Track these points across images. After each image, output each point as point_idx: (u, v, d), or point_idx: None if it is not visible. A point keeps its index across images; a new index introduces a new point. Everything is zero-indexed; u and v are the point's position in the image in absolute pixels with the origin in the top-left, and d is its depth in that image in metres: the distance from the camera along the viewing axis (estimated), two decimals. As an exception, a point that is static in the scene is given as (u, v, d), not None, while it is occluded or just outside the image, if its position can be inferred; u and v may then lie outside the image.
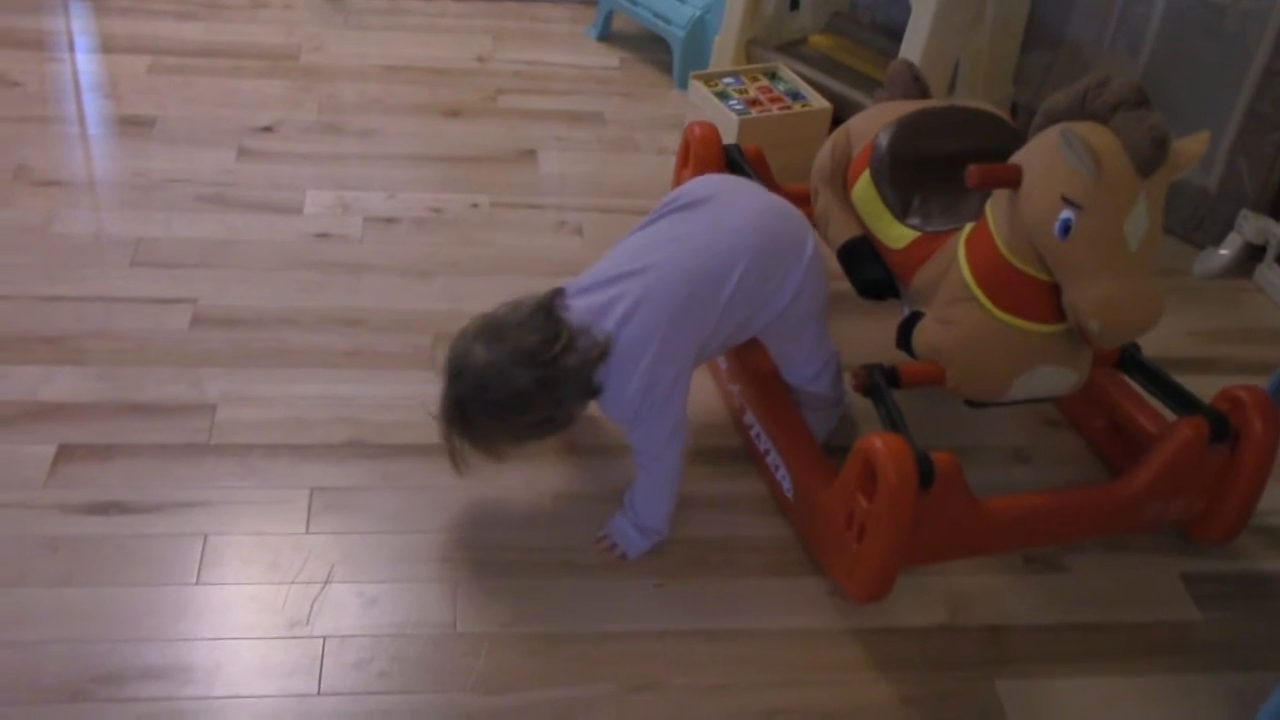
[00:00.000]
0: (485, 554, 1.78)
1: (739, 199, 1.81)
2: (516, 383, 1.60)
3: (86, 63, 2.95)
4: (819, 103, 2.71)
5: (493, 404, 1.63)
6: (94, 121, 2.73)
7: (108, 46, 3.03)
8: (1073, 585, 1.84)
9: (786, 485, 1.86)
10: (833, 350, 1.93)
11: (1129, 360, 1.91)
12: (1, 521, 1.74)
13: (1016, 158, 1.66)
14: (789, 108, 2.69)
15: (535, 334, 1.62)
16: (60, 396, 1.96)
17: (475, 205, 2.55)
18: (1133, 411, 1.97)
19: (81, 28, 3.11)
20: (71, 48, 3.01)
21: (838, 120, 2.54)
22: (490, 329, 1.64)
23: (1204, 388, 1.87)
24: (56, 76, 2.87)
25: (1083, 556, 1.88)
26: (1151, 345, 1.93)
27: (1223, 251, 2.56)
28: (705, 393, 2.10)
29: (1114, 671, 1.71)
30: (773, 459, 1.90)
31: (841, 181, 2.02)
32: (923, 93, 2.10)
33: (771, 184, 2.16)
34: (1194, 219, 2.64)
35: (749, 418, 1.98)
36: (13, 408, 1.93)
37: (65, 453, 1.86)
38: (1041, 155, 1.61)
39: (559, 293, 1.69)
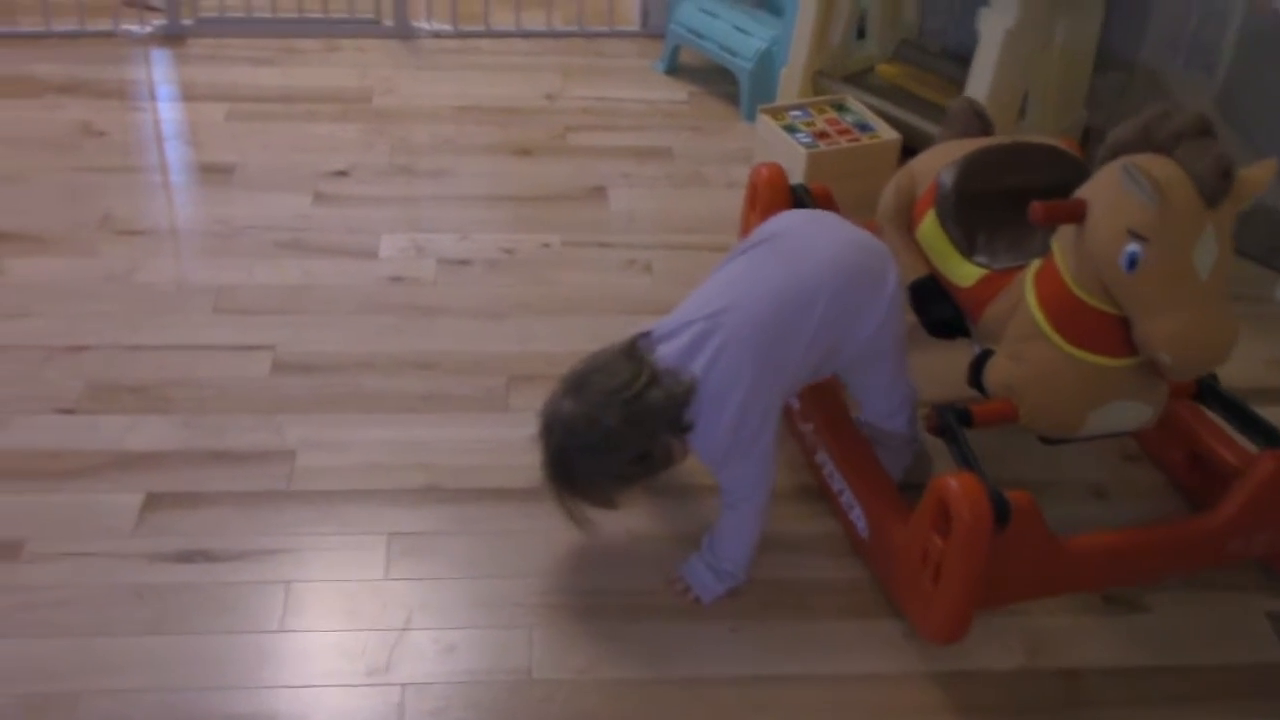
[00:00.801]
0: (560, 598, 1.79)
1: (819, 233, 1.83)
2: (604, 424, 1.62)
3: (168, 111, 3.04)
4: (888, 134, 2.70)
5: (587, 449, 1.64)
6: (175, 169, 2.81)
7: (188, 94, 3.11)
8: (1154, 626, 1.81)
9: (861, 525, 1.85)
10: (911, 387, 1.92)
11: (1207, 391, 1.88)
12: (91, 571, 1.79)
13: (1081, 192, 1.65)
14: (857, 140, 2.69)
15: (617, 376, 1.64)
16: (146, 445, 2.01)
17: (546, 245, 2.58)
18: (1212, 444, 1.94)
19: (162, 76, 3.20)
20: (153, 96, 3.10)
21: (908, 151, 2.53)
22: (574, 382, 1.67)
23: (1287, 418, 1.84)
24: (139, 125, 2.96)
25: (1164, 596, 1.85)
26: (1231, 375, 1.89)
27: (1305, 276, 2.51)
28: (777, 432, 2.10)
29: (1197, 716, 1.68)
30: (846, 499, 1.89)
31: (906, 221, 2.02)
32: (985, 129, 2.09)
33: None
34: (1273, 244, 2.58)
35: (821, 456, 1.98)
36: (100, 457, 1.99)
37: (152, 501, 1.91)
38: (1106, 189, 1.60)
39: (642, 336, 1.72)
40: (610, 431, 1.62)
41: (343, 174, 2.78)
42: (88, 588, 1.77)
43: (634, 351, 1.68)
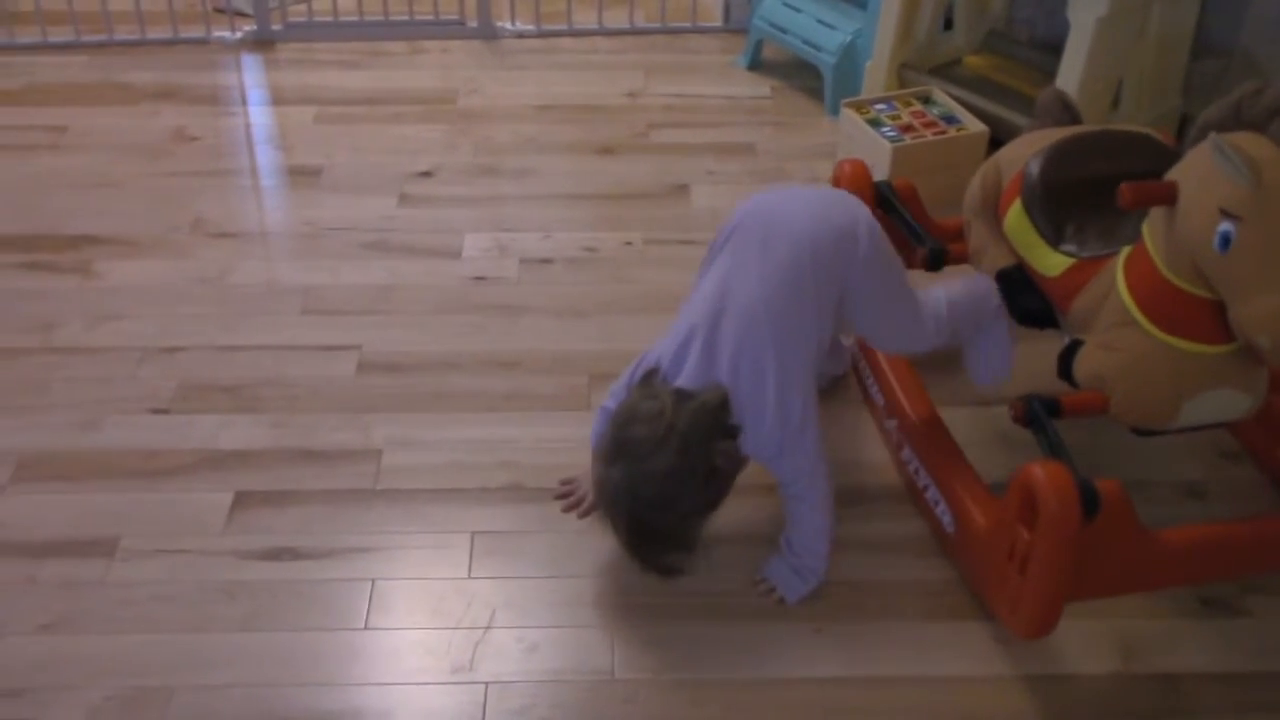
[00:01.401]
0: (642, 599, 1.79)
1: (781, 206, 1.81)
2: (660, 469, 1.60)
3: (258, 115, 3.09)
4: (975, 126, 2.66)
5: (659, 503, 1.63)
6: (265, 173, 2.86)
7: (277, 98, 3.17)
8: (1255, 630, 1.75)
9: (946, 520, 1.82)
10: (937, 299, 1.91)
11: (1311, 383, 1.81)
12: (184, 568, 1.83)
13: (1172, 174, 1.60)
14: (944, 132, 2.65)
15: (647, 420, 1.62)
16: (237, 444, 2.05)
17: (629, 243, 2.58)
18: (1316, 440, 1.88)
19: (253, 80, 3.26)
20: (244, 101, 3.16)
21: (995, 143, 2.49)
22: (613, 450, 1.65)
23: (1396, 417, 1.77)
24: (231, 130, 3.01)
25: (1264, 599, 1.79)
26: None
27: None
28: (861, 431, 2.08)
29: (1302, 723, 1.63)
30: (932, 494, 1.86)
31: (993, 213, 1.98)
32: (1074, 120, 2.04)
33: (924, 219, 2.13)
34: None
35: (907, 454, 1.95)
36: (194, 455, 2.03)
37: (242, 499, 1.94)
38: (1197, 169, 1.56)
39: (649, 372, 1.70)
40: (671, 472, 1.61)
41: (427, 175, 2.81)
42: (180, 584, 1.80)
43: (650, 389, 1.67)
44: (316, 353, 2.26)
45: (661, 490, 1.61)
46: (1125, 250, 1.71)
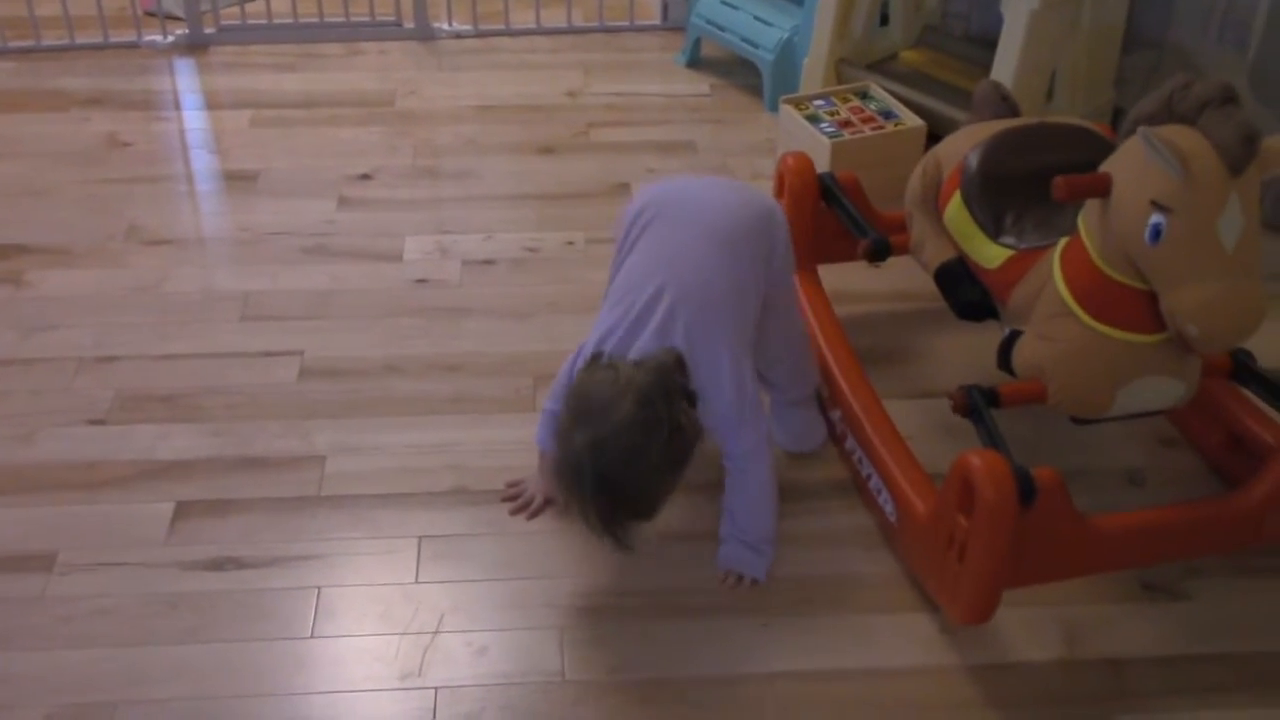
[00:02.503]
0: (591, 599, 1.78)
1: (701, 192, 1.85)
2: (624, 421, 1.56)
3: (192, 120, 3.06)
4: (912, 121, 2.68)
5: (625, 457, 1.57)
6: (201, 178, 2.82)
7: (211, 103, 3.12)
8: (1196, 614, 1.78)
9: (889, 510, 1.84)
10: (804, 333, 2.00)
11: (1243, 370, 1.84)
12: (125, 580, 1.80)
13: (1105, 166, 1.62)
14: (882, 128, 2.66)
15: (603, 384, 1.60)
16: (176, 454, 2.02)
17: (571, 243, 2.57)
18: (1251, 424, 1.90)
19: (187, 85, 3.22)
20: (177, 106, 3.12)
21: (933, 138, 2.51)
22: (572, 417, 1.61)
23: (1328, 399, 1.80)
24: (164, 135, 2.97)
25: (1206, 582, 1.82)
26: (1271, 354, 1.86)
27: (1344, 252, 2.46)
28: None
29: (1242, 705, 1.65)
30: (874, 484, 1.88)
31: (933, 205, 2.00)
32: (1012, 112, 2.06)
33: (868, 211, 2.15)
34: (1311, 219, 2.54)
35: (850, 444, 1.96)
36: (132, 467, 2.00)
37: (183, 510, 1.92)
38: (1129, 161, 1.58)
39: (596, 357, 1.68)
40: (635, 423, 1.56)
41: (366, 177, 2.79)
42: (120, 598, 1.77)
43: (599, 362, 1.65)
44: (256, 359, 2.23)
45: (629, 444, 1.56)
46: (1062, 242, 1.73)
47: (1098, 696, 1.66)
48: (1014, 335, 1.81)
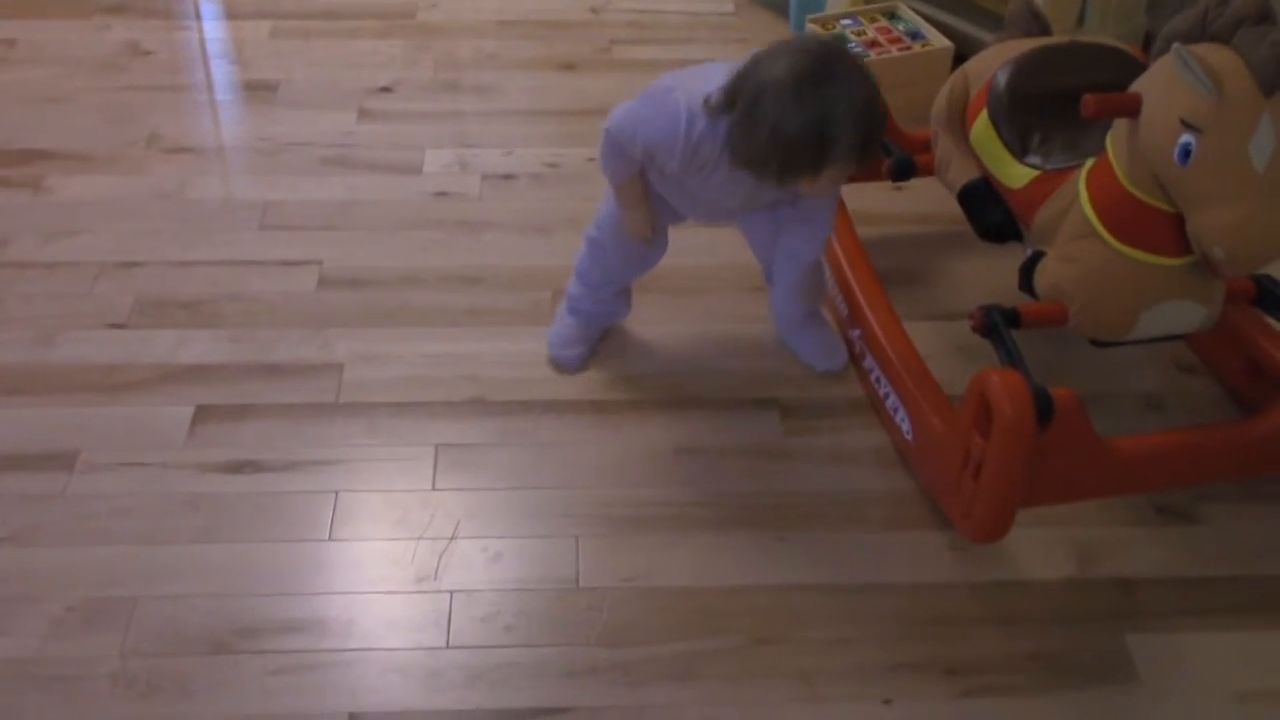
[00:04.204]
0: (607, 510, 1.80)
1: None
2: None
3: (213, 29, 3.03)
4: (940, 42, 2.64)
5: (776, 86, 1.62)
6: (221, 87, 2.81)
7: (232, 12, 3.09)
8: (1208, 536, 1.79)
9: (906, 428, 1.84)
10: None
11: (1268, 296, 1.82)
12: (145, 481, 1.82)
13: (1136, 85, 1.60)
14: (909, 48, 2.63)
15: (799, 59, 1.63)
16: (196, 359, 2.03)
17: (591, 159, 2.54)
18: (1272, 351, 1.89)
19: (208, -6, 3.19)
20: (198, 15, 3.09)
21: (960, 59, 2.47)
22: (812, 80, 1.62)
23: (1351, 327, 1.79)
24: (185, 44, 2.95)
25: (1218, 506, 1.82)
26: (1294, 283, 1.85)
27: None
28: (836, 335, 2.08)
29: (1250, 626, 1.66)
30: (892, 402, 1.88)
31: (960, 124, 1.98)
32: (1043, 30, 2.03)
33: (893, 130, 2.13)
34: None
35: (869, 363, 1.96)
36: (153, 371, 2.01)
37: (202, 413, 1.93)
38: (1160, 80, 1.55)
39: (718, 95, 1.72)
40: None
41: (387, 90, 2.77)
42: (142, 497, 1.79)
43: (717, 98, 1.70)
44: (276, 268, 2.23)
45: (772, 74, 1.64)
46: (1089, 162, 1.71)
47: (1106, 615, 1.67)
48: (1036, 256, 1.80)
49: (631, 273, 2.02)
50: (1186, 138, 1.51)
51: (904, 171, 2.04)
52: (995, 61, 1.94)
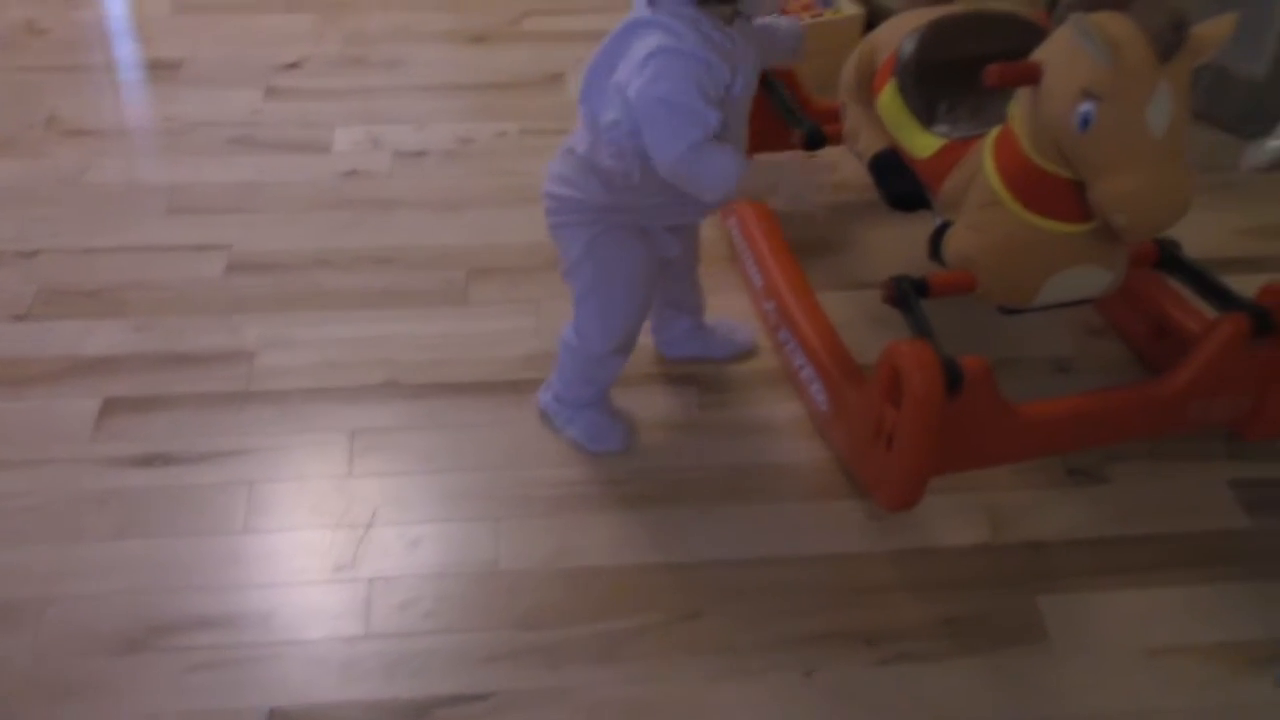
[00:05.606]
0: (525, 490, 1.79)
1: None
2: None
3: (112, 6, 2.96)
4: (850, 9, 2.65)
5: None
6: (122, 67, 2.75)
7: (132, -12, 3.02)
8: (1117, 497, 1.82)
9: (820, 400, 1.85)
10: None
11: (1169, 260, 1.86)
12: (53, 477, 1.78)
13: (1036, 54, 1.61)
14: (819, 15, 2.63)
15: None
16: (102, 350, 1.99)
17: (503, 134, 2.53)
18: (1175, 313, 1.93)
19: (106, -31, 3.10)
20: (97, -9, 3.01)
21: (870, 26, 2.48)
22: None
23: (1252, 287, 1.81)
24: (83, 22, 2.88)
25: (1127, 466, 1.86)
26: (1197, 245, 1.88)
27: (1272, 143, 2.48)
28: (741, 315, 2.09)
29: (1158, 583, 1.70)
30: (806, 374, 1.89)
31: (867, 94, 1.98)
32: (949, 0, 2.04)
33: (804, 100, 2.13)
34: (1242, 111, 2.55)
35: (783, 334, 1.97)
36: (57, 363, 1.96)
37: (110, 406, 1.89)
38: (1060, 49, 1.57)
39: None
40: None
41: (294, 66, 2.72)
42: (49, 494, 1.76)
43: None
44: (183, 253, 2.19)
45: None
46: (994, 131, 1.72)
47: (1019, 578, 1.70)
48: (945, 225, 1.81)
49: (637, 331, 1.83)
50: (1086, 106, 1.52)
51: (815, 142, 2.05)
52: (901, 30, 1.94)
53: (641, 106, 1.52)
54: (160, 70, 2.70)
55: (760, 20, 1.71)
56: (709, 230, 2.07)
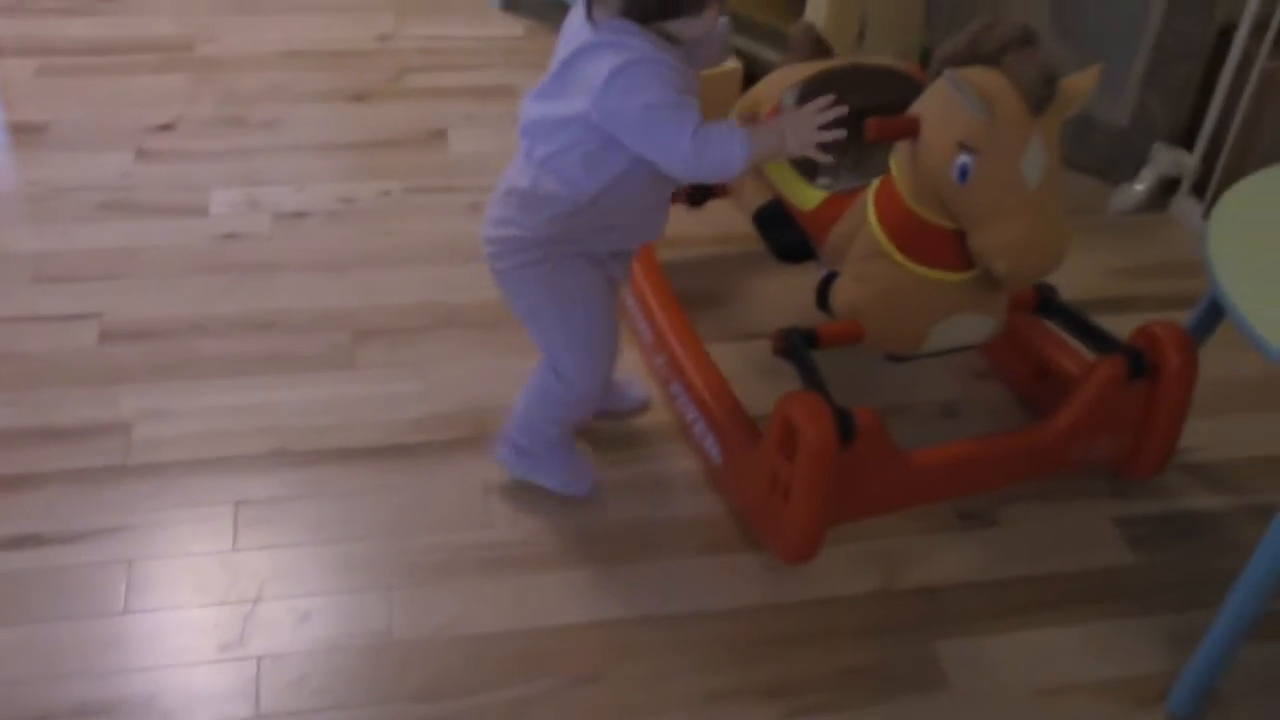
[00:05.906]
0: (417, 557, 1.75)
1: None
2: None
3: (-28, 69, 2.86)
4: (728, 63, 2.67)
5: None
6: (-16, 131, 2.65)
7: (-7, 50, 2.93)
8: (1007, 538, 1.85)
9: (714, 453, 1.86)
10: None
11: (1047, 304, 1.91)
12: (-85, 564, 1.69)
13: (914, 108, 1.65)
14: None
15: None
16: (-32, 427, 1.90)
17: (387, 192, 2.50)
18: (1055, 355, 1.98)
19: (-35, 32, 3.01)
20: (-45, 54, 2.91)
21: (749, 79, 2.51)
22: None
23: (1127, 326, 1.88)
24: (-59, 86, 2.77)
25: (1015, 508, 1.89)
26: (1072, 287, 1.94)
27: (1138, 186, 2.57)
28: (632, 369, 2.08)
29: (1052, 622, 1.72)
30: (699, 428, 1.89)
31: (751, 149, 2.00)
32: (826, 54, 2.08)
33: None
34: (1108, 156, 2.64)
35: (675, 388, 1.97)
36: (-81, 443, 1.87)
37: (-23, 486, 1.81)
38: (936, 103, 1.61)
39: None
40: None
41: (167, 128, 2.65)
42: (-89, 583, 1.67)
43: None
44: (53, 323, 2.11)
45: None
46: (876, 182, 1.75)
47: (916, 624, 1.71)
48: (831, 276, 1.84)
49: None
50: (963, 158, 1.56)
51: (699, 197, 2.06)
52: (781, 84, 1.97)
53: (628, 122, 1.50)
54: (24, 134, 2.61)
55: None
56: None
